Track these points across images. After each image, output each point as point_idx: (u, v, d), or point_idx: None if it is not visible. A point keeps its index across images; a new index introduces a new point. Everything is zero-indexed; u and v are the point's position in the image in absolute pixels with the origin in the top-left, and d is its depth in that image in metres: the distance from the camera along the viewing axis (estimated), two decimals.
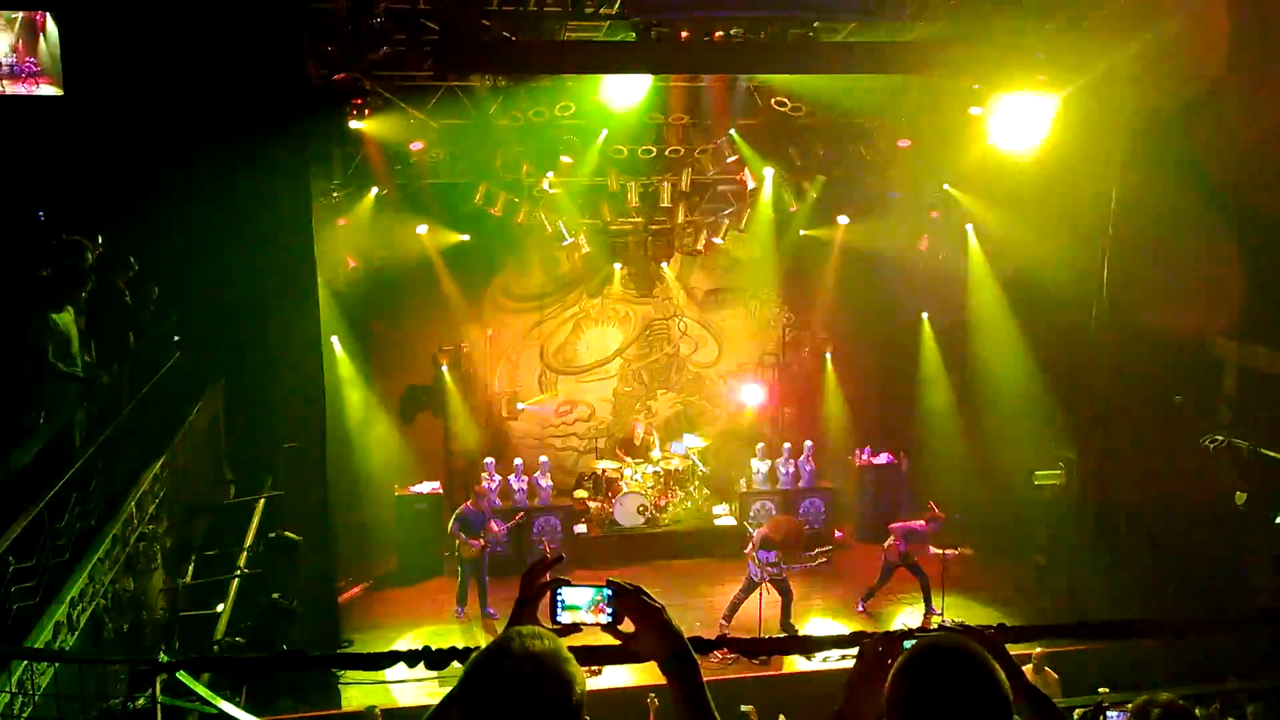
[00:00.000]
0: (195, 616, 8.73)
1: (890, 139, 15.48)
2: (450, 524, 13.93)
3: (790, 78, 14.11)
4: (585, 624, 2.43)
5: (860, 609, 13.92)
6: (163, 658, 3.83)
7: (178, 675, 3.80)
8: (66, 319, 7.68)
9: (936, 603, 13.47)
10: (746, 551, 13.15)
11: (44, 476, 6.77)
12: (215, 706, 3.82)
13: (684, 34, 12.51)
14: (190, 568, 9.48)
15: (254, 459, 11.94)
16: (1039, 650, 10.52)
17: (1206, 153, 11.68)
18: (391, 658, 3.61)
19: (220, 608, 8.93)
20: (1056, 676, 10.58)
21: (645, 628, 2.38)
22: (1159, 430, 12.88)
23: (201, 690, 3.81)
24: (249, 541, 9.75)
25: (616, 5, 11.99)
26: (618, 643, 2.45)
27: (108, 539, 7.32)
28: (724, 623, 13.02)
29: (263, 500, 10.69)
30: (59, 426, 7.48)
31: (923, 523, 13.45)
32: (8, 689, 5.17)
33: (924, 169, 15.87)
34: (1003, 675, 2.19)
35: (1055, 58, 12.26)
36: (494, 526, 13.98)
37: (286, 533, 9.72)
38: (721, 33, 12.48)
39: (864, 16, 12.03)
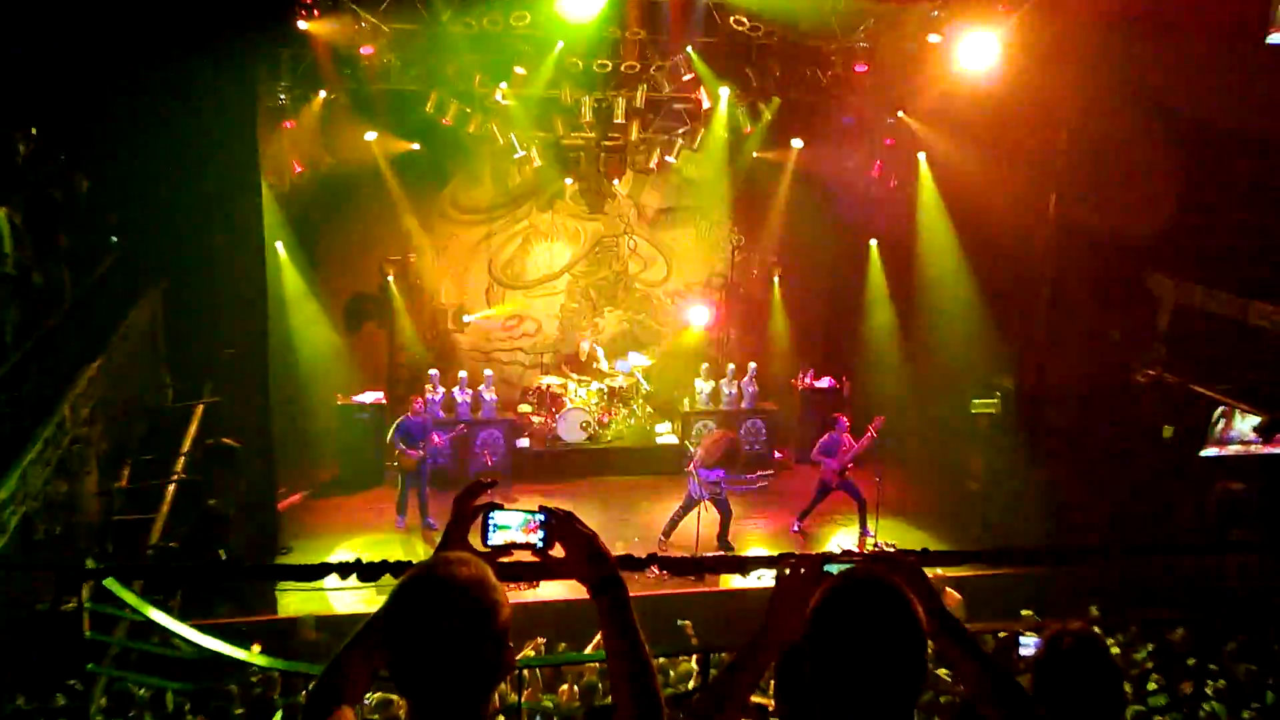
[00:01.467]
0: (129, 521, 8.69)
1: (848, 64, 15.33)
2: (390, 434, 13.88)
3: None
4: (517, 546, 2.47)
5: (795, 529, 14.14)
6: (90, 564, 3.82)
7: (104, 583, 3.80)
8: None
9: (871, 525, 13.73)
10: (687, 469, 13.27)
11: None
12: (144, 614, 3.82)
13: None
14: (126, 472, 9.39)
15: (194, 363, 11.77)
16: (939, 572, 10.72)
17: (1153, 67, 11.70)
18: (323, 569, 3.63)
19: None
20: (959, 598, 10.80)
21: (575, 553, 2.43)
22: (1095, 363, 13.14)
23: (129, 598, 3.81)
24: (186, 447, 9.66)
25: None
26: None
27: (40, 441, 7.22)
28: (663, 539, 13.19)
29: (201, 406, 10.57)
30: None
31: (829, 433, 13.74)
32: None
33: (880, 95, 15.80)
34: (918, 607, 2.25)
35: None
36: (435, 438, 13.90)
37: (225, 440, 9.67)
38: None
39: None
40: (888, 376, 16.93)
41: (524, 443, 16.24)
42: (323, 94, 14.88)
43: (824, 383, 17.13)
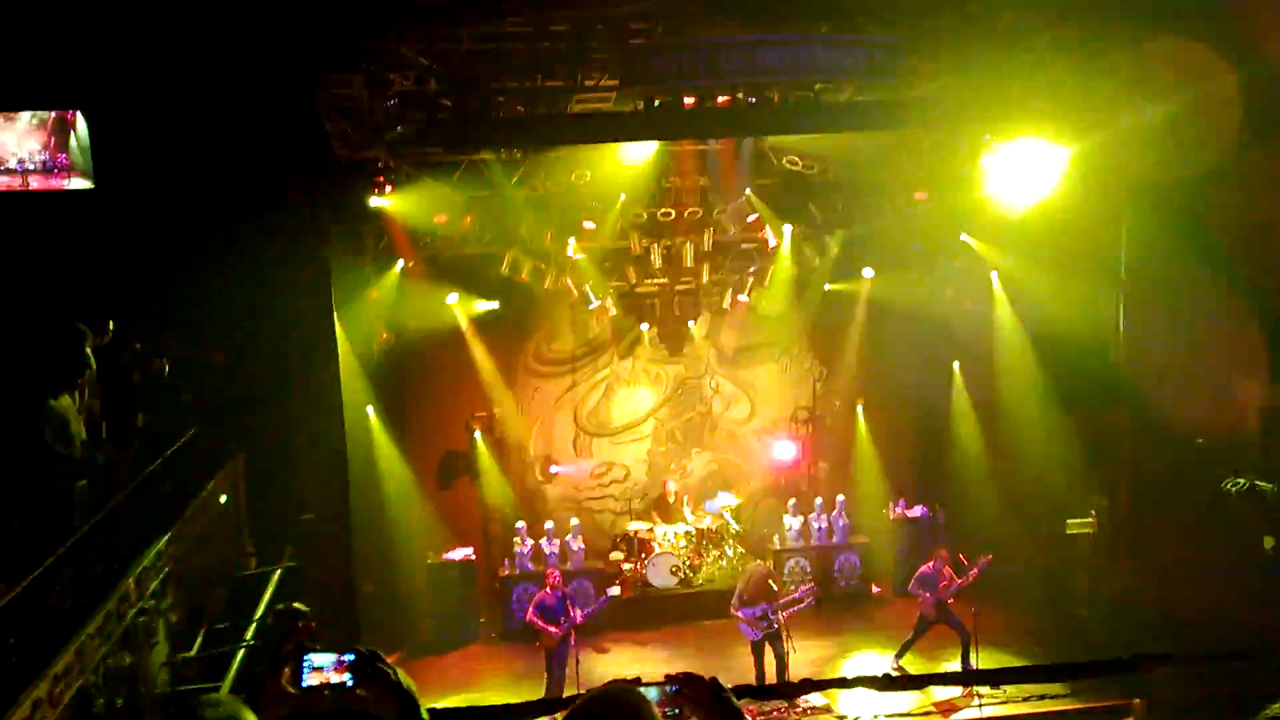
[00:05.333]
0: (196, 690, 8.90)
1: (906, 191, 15.51)
2: (529, 612, 13.31)
3: (800, 137, 14.27)
4: (329, 688, 2.57)
5: (894, 666, 13.67)
6: None
7: None
8: (64, 403, 8.00)
9: (973, 658, 13.13)
10: (732, 614, 13.15)
11: (37, 555, 6.99)
12: None
13: (688, 100, 12.71)
14: (199, 641, 9.65)
15: (276, 531, 12.12)
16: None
17: (1215, 222, 11.59)
18: None
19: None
20: None
21: (378, 690, 2.52)
22: (1186, 474, 12.61)
23: None
24: (259, 613, 9.91)
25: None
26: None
27: (100, 615, 7.52)
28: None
29: (279, 572, 10.85)
30: (56, 506, 7.75)
31: (929, 565, 13.33)
32: None
33: (942, 219, 15.84)
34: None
35: (1062, 113, 12.26)
36: (574, 613, 13.15)
37: (295, 604, 9.84)
38: (726, 98, 12.64)
39: (854, 78, 12.19)
40: (981, 500, 16.47)
41: (615, 591, 16.10)
42: (401, 263, 15.55)
43: (917, 511, 16.72)
